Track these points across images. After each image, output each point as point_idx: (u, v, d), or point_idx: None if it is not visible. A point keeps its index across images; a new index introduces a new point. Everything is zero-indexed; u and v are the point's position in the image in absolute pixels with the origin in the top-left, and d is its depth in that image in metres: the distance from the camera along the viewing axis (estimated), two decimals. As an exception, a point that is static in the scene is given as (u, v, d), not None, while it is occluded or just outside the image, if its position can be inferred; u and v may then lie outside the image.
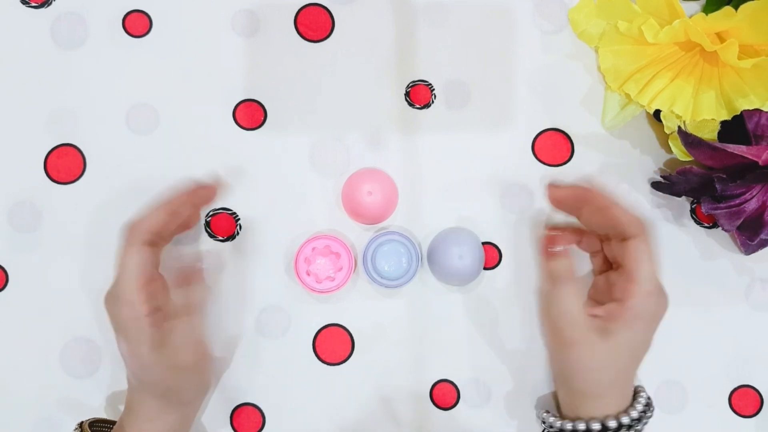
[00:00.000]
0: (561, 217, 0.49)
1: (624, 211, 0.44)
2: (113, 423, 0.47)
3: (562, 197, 0.47)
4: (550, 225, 0.50)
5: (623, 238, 0.44)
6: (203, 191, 0.48)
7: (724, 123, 0.49)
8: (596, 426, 0.43)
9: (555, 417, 0.46)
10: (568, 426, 0.44)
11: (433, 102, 0.52)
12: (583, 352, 0.43)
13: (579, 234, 0.48)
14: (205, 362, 0.46)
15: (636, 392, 0.45)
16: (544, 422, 0.46)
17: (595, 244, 0.48)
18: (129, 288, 0.43)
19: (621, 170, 0.52)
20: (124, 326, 0.43)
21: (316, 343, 0.51)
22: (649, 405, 0.44)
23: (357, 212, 0.50)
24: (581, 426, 0.43)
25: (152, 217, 0.44)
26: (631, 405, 0.44)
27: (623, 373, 0.44)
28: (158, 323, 0.43)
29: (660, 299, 0.43)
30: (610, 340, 0.42)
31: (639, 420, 0.43)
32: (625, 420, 0.42)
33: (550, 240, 0.46)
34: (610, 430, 0.42)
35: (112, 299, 0.43)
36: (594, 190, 0.45)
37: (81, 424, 0.46)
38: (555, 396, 0.50)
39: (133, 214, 0.51)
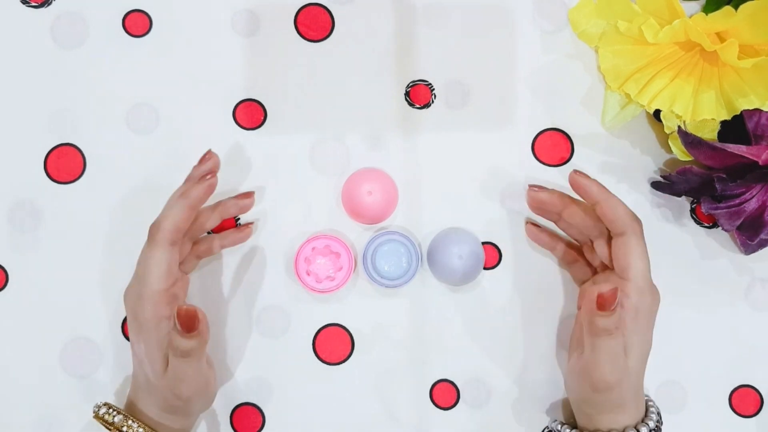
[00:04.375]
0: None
1: (620, 204, 0.43)
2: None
3: (543, 199, 0.46)
4: (533, 185, 0.48)
5: (616, 234, 0.43)
6: (233, 202, 0.49)
7: (724, 123, 0.49)
8: None
9: (570, 428, 0.45)
10: None
11: (433, 102, 0.52)
12: (610, 372, 0.41)
13: (554, 240, 0.49)
14: (209, 390, 0.46)
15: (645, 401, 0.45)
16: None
17: (572, 255, 0.48)
18: (153, 289, 0.42)
19: (621, 170, 0.52)
20: (146, 327, 0.42)
21: (316, 343, 0.51)
22: (660, 414, 0.44)
23: (357, 212, 0.50)
24: None
25: (173, 215, 0.43)
26: (646, 415, 0.43)
27: (639, 378, 0.43)
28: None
29: (654, 296, 0.43)
30: (626, 350, 0.42)
31: (656, 430, 0.42)
32: (644, 430, 0.42)
33: (531, 232, 0.48)
34: None
35: (134, 297, 0.43)
36: (587, 184, 0.44)
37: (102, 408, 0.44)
38: (566, 405, 0.50)
39: (137, 214, 0.51)
